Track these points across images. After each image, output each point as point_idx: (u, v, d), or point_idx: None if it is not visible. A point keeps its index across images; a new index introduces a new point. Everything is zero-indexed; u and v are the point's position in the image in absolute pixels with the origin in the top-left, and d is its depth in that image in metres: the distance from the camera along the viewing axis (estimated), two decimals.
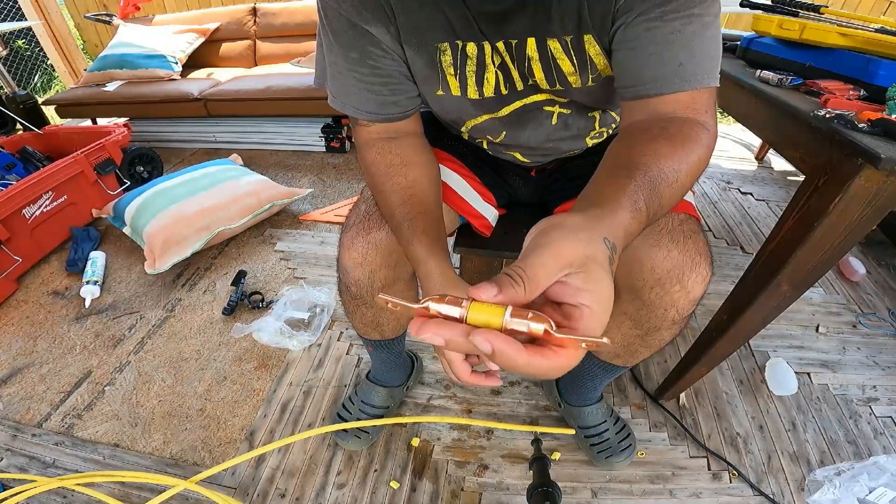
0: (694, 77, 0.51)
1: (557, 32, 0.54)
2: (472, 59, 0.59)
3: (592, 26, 0.53)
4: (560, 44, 0.55)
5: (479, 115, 0.68)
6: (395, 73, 0.61)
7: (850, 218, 0.65)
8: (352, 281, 0.72)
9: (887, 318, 1.35)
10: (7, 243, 1.47)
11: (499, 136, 0.72)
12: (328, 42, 0.59)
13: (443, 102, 0.66)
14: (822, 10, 0.96)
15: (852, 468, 0.93)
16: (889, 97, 0.67)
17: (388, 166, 0.63)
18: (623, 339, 0.73)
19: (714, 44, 0.52)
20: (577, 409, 0.99)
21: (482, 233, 0.83)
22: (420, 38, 0.57)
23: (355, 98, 0.62)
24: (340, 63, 0.60)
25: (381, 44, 0.58)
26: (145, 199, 1.62)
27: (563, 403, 1.03)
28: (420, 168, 0.64)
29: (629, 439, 0.98)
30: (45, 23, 3.02)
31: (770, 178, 2.13)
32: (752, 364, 1.21)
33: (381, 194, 0.64)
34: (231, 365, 1.23)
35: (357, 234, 0.69)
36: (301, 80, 2.21)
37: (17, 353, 1.29)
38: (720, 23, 0.52)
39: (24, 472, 1.00)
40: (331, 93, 0.64)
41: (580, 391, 0.97)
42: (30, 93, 2.54)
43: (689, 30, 0.49)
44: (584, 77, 0.58)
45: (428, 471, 0.98)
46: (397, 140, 0.65)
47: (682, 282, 0.61)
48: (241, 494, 0.95)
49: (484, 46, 0.58)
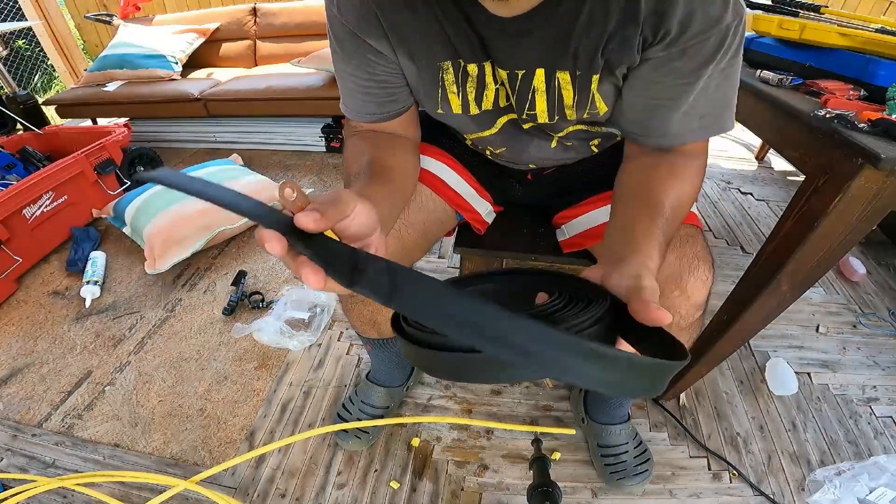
0: (713, 127, 0.55)
1: (569, 66, 0.53)
2: (473, 78, 0.58)
3: (604, 67, 0.52)
4: (570, 76, 0.55)
5: (479, 131, 0.68)
6: (392, 78, 0.61)
7: (850, 218, 0.65)
8: None
9: (887, 318, 1.35)
10: (7, 243, 1.47)
11: (499, 149, 0.73)
12: (332, 48, 0.60)
13: (443, 118, 0.67)
14: (822, 10, 0.96)
15: (852, 468, 0.93)
16: (889, 97, 0.67)
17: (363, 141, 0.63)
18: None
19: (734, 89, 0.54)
20: (602, 426, 0.96)
21: (476, 229, 0.83)
22: (423, 58, 0.57)
23: (354, 102, 0.63)
24: (342, 69, 0.61)
25: (380, 54, 0.58)
26: (145, 200, 1.62)
27: (588, 419, 1.00)
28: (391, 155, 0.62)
29: (647, 464, 0.94)
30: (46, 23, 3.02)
31: (770, 178, 2.13)
32: (752, 364, 1.21)
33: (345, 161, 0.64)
34: (231, 365, 1.23)
35: None
36: (301, 80, 2.20)
37: (17, 353, 1.29)
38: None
39: (25, 472, 1.00)
40: (342, 98, 0.65)
41: (606, 408, 0.95)
42: (30, 93, 2.53)
43: (714, 84, 0.51)
44: (579, 113, 0.58)
45: (428, 471, 0.98)
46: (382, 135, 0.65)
47: (682, 286, 0.60)
48: (241, 494, 0.95)
49: (485, 66, 0.57)
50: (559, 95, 0.57)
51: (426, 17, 0.53)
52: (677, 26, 0.46)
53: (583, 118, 0.60)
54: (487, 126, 0.66)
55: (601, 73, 0.53)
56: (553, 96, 0.57)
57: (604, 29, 0.49)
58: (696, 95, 0.51)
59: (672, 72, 0.50)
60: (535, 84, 0.56)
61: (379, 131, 0.66)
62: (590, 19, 0.48)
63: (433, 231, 0.78)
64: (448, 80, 0.59)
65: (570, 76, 0.54)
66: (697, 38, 0.46)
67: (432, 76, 0.59)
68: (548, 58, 0.53)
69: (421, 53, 0.56)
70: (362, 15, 0.54)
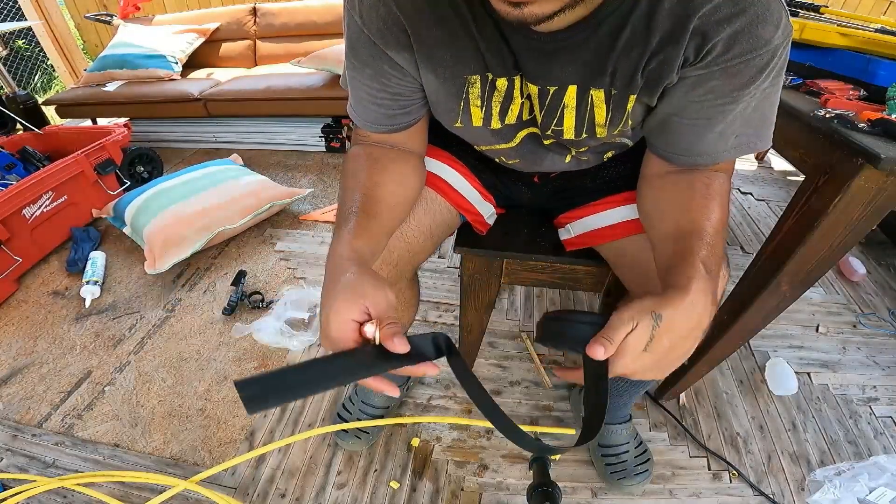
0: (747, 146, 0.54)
1: (605, 84, 0.52)
2: (500, 92, 0.57)
3: (642, 87, 0.51)
4: (605, 95, 0.53)
5: (497, 143, 0.67)
6: (406, 91, 0.59)
7: (850, 218, 0.65)
8: None
9: (887, 318, 1.35)
10: (7, 243, 1.47)
11: (511, 160, 0.72)
12: (347, 55, 0.58)
13: (459, 131, 0.66)
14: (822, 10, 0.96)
15: (852, 468, 0.94)
16: (889, 97, 0.67)
17: (366, 160, 0.62)
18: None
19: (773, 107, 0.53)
20: (603, 426, 0.96)
21: (478, 230, 0.82)
22: (448, 70, 0.55)
23: (364, 111, 0.62)
24: (354, 76, 0.59)
25: (398, 66, 0.57)
26: (145, 200, 1.62)
27: None
28: (394, 175, 0.62)
29: (647, 464, 0.95)
30: (46, 23, 3.02)
31: (770, 178, 2.13)
32: (752, 364, 1.21)
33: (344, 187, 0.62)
34: (231, 365, 1.23)
35: None
36: (301, 80, 2.20)
37: (17, 353, 1.29)
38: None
39: (24, 472, 1.00)
40: (350, 102, 0.64)
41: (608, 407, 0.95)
42: (30, 93, 2.54)
43: (753, 104, 0.50)
44: (610, 129, 0.57)
45: (428, 471, 0.98)
46: (385, 147, 0.65)
47: None
48: (241, 494, 0.95)
49: (514, 80, 0.55)
50: (591, 113, 0.55)
51: (458, 30, 0.52)
52: (721, 46, 0.44)
53: (613, 135, 0.59)
54: (507, 139, 0.65)
55: (640, 94, 0.52)
56: (583, 113, 0.56)
57: (645, 49, 0.47)
58: (734, 115, 0.50)
59: (711, 91, 0.48)
60: (565, 101, 0.55)
61: (383, 145, 0.65)
62: (631, 39, 0.47)
63: (439, 234, 0.78)
64: (473, 94, 0.57)
65: (604, 94, 0.53)
66: (742, 57, 0.45)
67: (456, 89, 0.57)
68: (583, 75, 0.52)
69: (446, 66, 0.55)
70: (387, 26, 0.52)
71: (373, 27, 0.53)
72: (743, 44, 0.44)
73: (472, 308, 0.99)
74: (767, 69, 0.46)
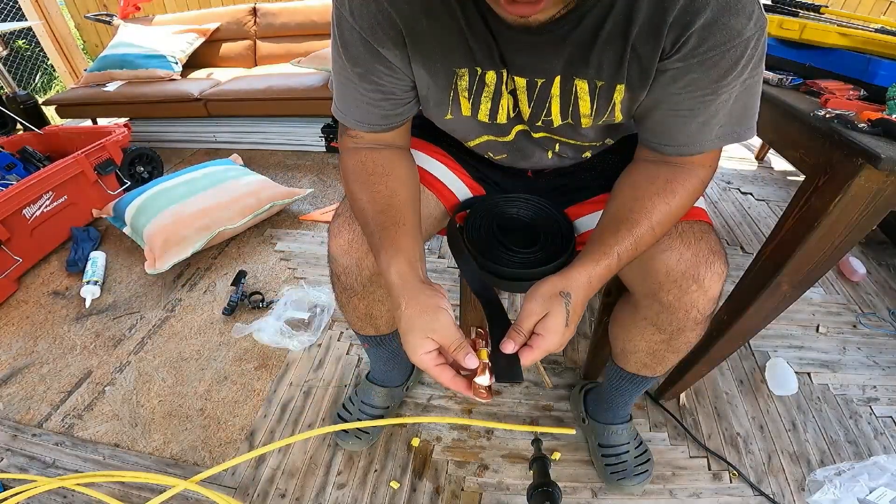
0: (730, 137, 0.55)
1: (591, 76, 0.53)
2: (490, 87, 0.58)
3: (628, 78, 0.52)
4: (588, 86, 0.54)
5: (486, 135, 0.68)
6: (397, 90, 0.60)
7: (850, 218, 0.65)
8: (340, 269, 0.72)
9: (887, 318, 1.35)
10: (7, 243, 1.47)
11: (500, 155, 0.73)
12: (335, 52, 0.58)
13: (451, 124, 0.67)
14: (822, 10, 0.96)
15: (852, 468, 0.93)
16: (889, 97, 0.67)
17: (370, 175, 0.63)
18: (648, 346, 0.73)
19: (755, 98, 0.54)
20: (603, 426, 0.96)
21: None
22: (438, 62, 0.56)
23: (355, 111, 0.62)
24: (344, 75, 0.59)
25: (390, 64, 0.57)
26: (145, 200, 1.62)
27: (588, 419, 1.00)
28: (399, 178, 0.63)
29: (647, 465, 0.94)
30: (46, 23, 3.02)
31: (770, 178, 2.13)
32: (752, 364, 1.21)
33: (357, 202, 0.63)
34: (231, 365, 1.23)
35: (344, 222, 0.69)
36: (301, 80, 2.20)
37: (17, 353, 1.29)
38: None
39: (25, 472, 1.00)
40: (335, 101, 0.64)
41: (608, 407, 0.95)
42: (30, 93, 2.54)
43: (734, 95, 0.51)
44: (596, 120, 0.58)
45: (428, 471, 0.98)
46: (381, 150, 0.65)
47: (699, 280, 0.61)
48: (241, 494, 0.95)
49: (503, 74, 0.56)
50: (575, 103, 0.57)
51: (448, 24, 0.52)
52: (695, 38, 0.46)
53: (597, 125, 0.60)
54: (503, 134, 0.66)
55: (627, 84, 0.53)
56: (567, 101, 0.57)
57: (627, 40, 0.48)
58: (716, 106, 0.51)
59: (691, 84, 0.50)
60: (552, 91, 0.56)
61: (377, 145, 0.65)
62: (613, 31, 0.48)
63: (428, 229, 0.78)
64: (461, 86, 0.58)
65: (587, 85, 0.54)
66: (717, 49, 0.46)
67: (446, 82, 0.58)
68: (568, 66, 0.53)
69: (437, 60, 0.56)
70: (378, 22, 0.53)
71: (364, 24, 0.53)
72: (717, 35, 0.45)
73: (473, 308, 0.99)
74: (743, 60, 0.47)
